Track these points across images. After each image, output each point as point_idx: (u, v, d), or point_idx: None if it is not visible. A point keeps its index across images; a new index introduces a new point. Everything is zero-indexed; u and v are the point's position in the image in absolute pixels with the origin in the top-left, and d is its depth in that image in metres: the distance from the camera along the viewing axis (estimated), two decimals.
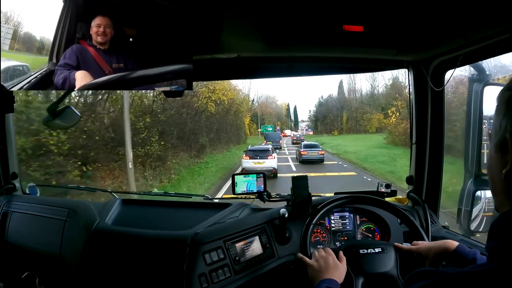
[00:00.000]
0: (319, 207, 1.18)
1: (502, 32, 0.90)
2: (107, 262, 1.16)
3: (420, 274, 0.48)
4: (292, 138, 34.60)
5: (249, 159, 11.11)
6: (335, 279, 0.93)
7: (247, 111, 38.03)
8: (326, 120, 44.57)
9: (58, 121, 1.16)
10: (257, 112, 45.57)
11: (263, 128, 38.47)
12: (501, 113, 0.46)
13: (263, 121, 45.35)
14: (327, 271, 0.95)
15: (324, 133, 43.03)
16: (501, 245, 0.43)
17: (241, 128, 27.45)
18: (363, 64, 1.37)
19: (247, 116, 38.81)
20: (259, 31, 1.00)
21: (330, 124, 43.72)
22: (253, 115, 42.65)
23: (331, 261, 0.98)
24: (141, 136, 10.16)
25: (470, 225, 1.25)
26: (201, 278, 1.05)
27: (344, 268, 0.99)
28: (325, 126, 44.19)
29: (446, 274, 0.45)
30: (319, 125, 46.79)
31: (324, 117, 45.30)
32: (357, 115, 41.17)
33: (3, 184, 1.54)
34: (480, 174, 1.25)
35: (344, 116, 42.68)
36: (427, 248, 0.97)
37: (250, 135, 39.67)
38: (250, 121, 41.31)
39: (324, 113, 45.55)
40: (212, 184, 10.21)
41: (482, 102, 1.22)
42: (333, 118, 43.83)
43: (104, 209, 1.36)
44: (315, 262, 1.00)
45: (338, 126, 42.82)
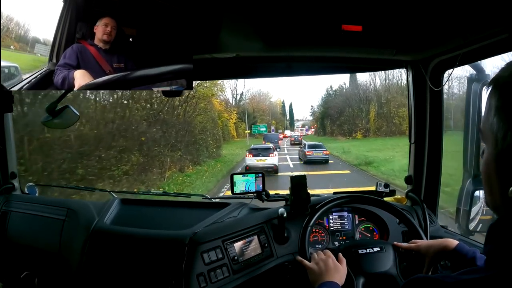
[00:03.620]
0: (317, 207, 1.18)
1: (501, 31, 0.90)
2: (106, 262, 1.16)
3: (417, 281, 0.47)
4: (290, 139, 31.76)
5: (252, 156, 12.15)
6: (336, 282, 0.91)
7: (228, 109, 28.74)
8: (341, 118, 31.10)
9: (57, 120, 1.16)
10: (246, 108, 35.21)
11: (254, 128, 31.79)
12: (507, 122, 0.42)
13: (254, 119, 37.25)
14: (328, 274, 0.94)
15: (339, 135, 30.60)
16: (498, 251, 0.43)
17: (206, 133, 14.67)
18: (362, 64, 1.37)
19: (233, 112, 29.97)
20: (258, 30, 1.01)
21: (350, 123, 30.12)
22: (240, 112, 33.23)
23: (331, 263, 0.98)
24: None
25: (469, 224, 1.26)
26: (200, 278, 1.05)
27: (344, 270, 0.98)
28: (340, 126, 31.13)
29: (444, 283, 0.44)
30: (329, 124, 34.64)
31: (339, 113, 31.79)
32: (389, 109, 27.79)
33: (2, 184, 1.54)
34: (479, 173, 1.25)
35: (372, 112, 28.93)
36: (427, 247, 0.97)
37: (237, 138, 30.43)
38: (238, 119, 31.84)
39: (340, 107, 32.01)
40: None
41: (481, 102, 1.23)
42: (353, 114, 30.18)
43: (103, 208, 1.36)
44: (314, 265, 0.98)
45: (363, 126, 29.09)
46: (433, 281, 0.45)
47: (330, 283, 0.91)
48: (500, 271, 0.41)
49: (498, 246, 0.43)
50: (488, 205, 0.49)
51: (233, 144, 25.11)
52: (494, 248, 0.44)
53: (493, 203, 0.47)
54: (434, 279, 0.46)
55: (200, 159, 13.22)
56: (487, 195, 0.49)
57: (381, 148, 18.25)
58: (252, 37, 1.03)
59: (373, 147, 19.08)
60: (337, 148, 20.41)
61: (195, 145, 13.15)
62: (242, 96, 37.94)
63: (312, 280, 0.96)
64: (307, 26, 0.99)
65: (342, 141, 26.86)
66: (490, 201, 0.48)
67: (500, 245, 0.43)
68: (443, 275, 0.46)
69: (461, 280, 0.43)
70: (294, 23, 0.99)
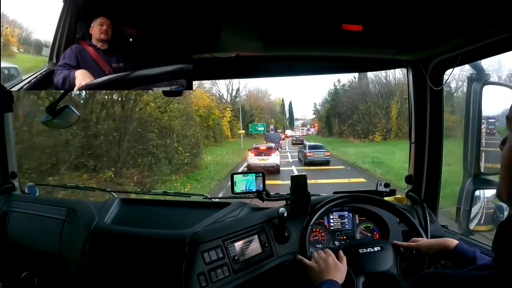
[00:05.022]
0: (318, 207, 1.18)
1: (501, 31, 0.90)
2: (106, 262, 1.16)
3: (427, 277, 0.47)
4: (292, 139, 30.25)
5: (255, 155, 12.11)
6: (336, 280, 0.92)
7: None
8: (354, 116, 25.10)
9: (57, 120, 1.16)
10: (242, 105, 30.11)
11: (251, 128, 27.80)
12: None
13: (251, 117, 32.86)
14: (328, 272, 0.94)
15: (350, 136, 25.44)
16: (507, 249, 0.43)
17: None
18: (362, 63, 1.37)
19: (227, 110, 25.83)
20: (258, 30, 1.01)
21: (366, 122, 23.97)
22: (236, 109, 28.31)
23: (331, 261, 0.98)
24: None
25: (469, 224, 1.26)
26: (200, 277, 1.05)
27: (344, 268, 0.98)
28: (353, 126, 25.27)
29: (456, 278, 0.43)
30: (337, 124, 29.14)
31: (351, 110, 25.55)
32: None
33: (2, 184, 1.54)
34: (479, 173, 1.25)
35: (394, 109, 23.00)
36: (427, 246, 0.97)
37: (232, 138, 25.85)
38: (233, 117, 27.19)
39: (353, 103, 25.56)
40: None
41: (481, 102, 1.23)
42: (370, 112, 24.10)
43: (103, 208, 1.36)
44: (315, 264, 0.99)
45: (382, 126, 23.15)
46: (445, 276, 0.45)
47: (330, 282, 0.91)
48: (508, 269, 0.41)
49: (507, 245, 0.43)
50: (502, 196, 0.48)
51: (225, 146, 20.71)
52: (502, 247, 0.44)
53: (509, 193, 0.46)
54: (447, 274, 0.45)
55: (156, 179, 8.40)
56: (504, 185, 0.47)
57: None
58: (252, 37, 1.03)
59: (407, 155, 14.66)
60: (358, 155, 15.41)
61: (147, 157, 8.20)
62: (239, 92, 33.12)
63: (313, 279, 0.96)
64: (307, 26, 0.99)
65: (357, 144, 21.55)
66: (506, 191, 0.47)
67: (509, 244, 0.43)
68: (454, 271, 0.45)
69: (472, 276, 0.43)
70: (294, 22, 0.99)
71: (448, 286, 0.43)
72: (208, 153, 14.89)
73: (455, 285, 0.43)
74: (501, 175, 0.47)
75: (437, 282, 0.45)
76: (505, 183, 0.47)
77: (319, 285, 0.91)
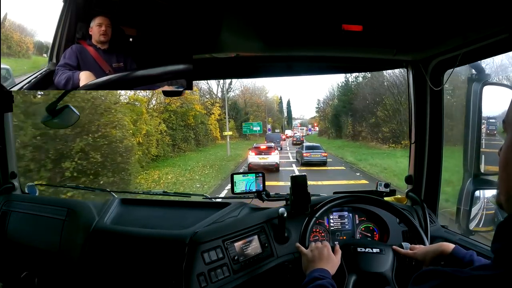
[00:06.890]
0: (318, 207, 1.18)
1: (501, 31, 0.90)
2: (106, 262, 1.16)
3: (429, 273, 0.47)
4: (292, 139, 29.11)
5: (255, 154, 12.41)
6: (327, 269, 0.93)
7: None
8: (378, 114, 19.60)
9: (57, 120, 1.16)
10: (235, 101, 25.60)
11: (245, 127, 23.79)
12: None
13: (246, 115, 28.75)
14: (320, 261, 0.96)
15: (373, 140, 20.03)
16: (506, 250, 0.42)
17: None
18: (362, 63, 1.37)
19: (215, 106, 22.04)
20: (258, 30, 1.01)
21: (396, 123, 18.24)
22: (229, 106, 23.90)
23: (326, 252, 1.00)
24: None
25: (469, 224, 1.26)
26: (200, 278, 1.05)
27: (337, 261, 1.00)
28: (376, 127, 19.63)
29: (457, 277, 0.43)
30: (350, 123, 24.22)
31: (374, 106, 19.83)
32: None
33: (2, 184, 1.54)
34: (479, 173, 1.25)
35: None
36: (423, 253, 0.97)
37: (222, 140, 21.31)
38: (224, 114, 21.89)
39: (376, 97, 19.77)
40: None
41: (481, 102, 1.23)
42: (400, 109, 18.04)
43: (103, 208, 1.36)
44: (309, 252, 1.01)
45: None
46: (445, 273, 0.45)
47: (320, 270, 0.93)
48: (507, 270, 0.41)
49: (506, 245, 0.43)
50: (501, 195, 0.47)
51: (210, 151, 16.93)
52: (501, 247, 0.43)
53: (507, 193, 0.46)
54: (448, 272, 0.45)
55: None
56: (503, 183, 0.46)
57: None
58: (252, 37, 1.03)
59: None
60: (403, 171, 9.34)
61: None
62: (231, 85, 28.40)
63: (304, 267, 0.99)
64: (307, 26, 0.99)
65: (385, 150, 17.08)
66: (504, 191, 0.46)
67: (508, 244, 0.43)
68: (454, 269, 0.45)
69: (473, 276, 0.43)
70: (294, 23, 0.99)
71: (448, 282, 0.43)
72: (168, 166, 10.79)
73: (455, 282, 0.43)
74: (499, 177, 0.47)
75: (437, 277, 0.45)
76: (502, 184, 0.47)
77: (310, 273, 0.92)
